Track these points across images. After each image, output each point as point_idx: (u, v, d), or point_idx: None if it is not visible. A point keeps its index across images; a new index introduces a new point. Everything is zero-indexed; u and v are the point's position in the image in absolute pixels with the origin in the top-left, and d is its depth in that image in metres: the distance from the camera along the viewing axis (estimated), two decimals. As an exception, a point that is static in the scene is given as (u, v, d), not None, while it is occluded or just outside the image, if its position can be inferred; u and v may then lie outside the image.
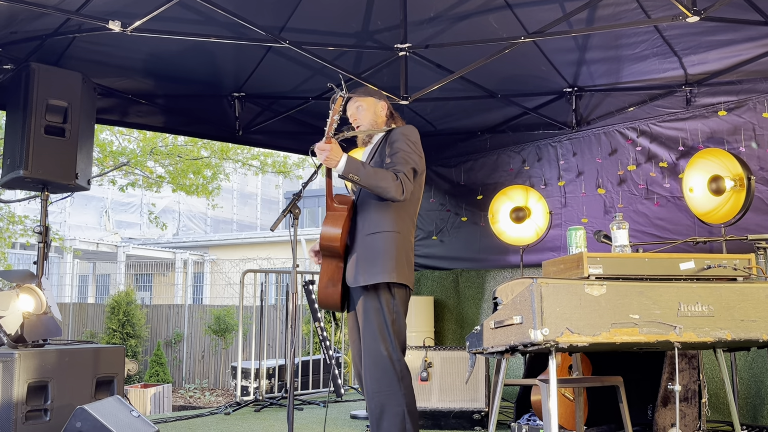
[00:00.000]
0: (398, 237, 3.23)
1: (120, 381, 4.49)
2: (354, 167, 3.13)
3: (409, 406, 3.14)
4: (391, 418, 3.11)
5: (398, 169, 3.19)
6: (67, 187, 4.79)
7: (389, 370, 3.13)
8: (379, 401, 3.14)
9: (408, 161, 3.23)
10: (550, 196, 6.01)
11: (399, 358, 3.17)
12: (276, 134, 6.50)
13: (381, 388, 3.14)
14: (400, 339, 3.21)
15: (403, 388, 3.14)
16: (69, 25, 4.48)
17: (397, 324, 3.20)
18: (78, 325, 13.80)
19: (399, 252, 3.21)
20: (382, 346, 3.15)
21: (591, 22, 4.61)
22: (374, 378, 3.16)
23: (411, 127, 3.39)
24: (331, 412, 5.56)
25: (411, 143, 3.29)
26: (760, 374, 4.69)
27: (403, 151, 3.24)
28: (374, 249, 3.20)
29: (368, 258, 3.20)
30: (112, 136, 11.42)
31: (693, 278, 2.90)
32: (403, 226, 3.28)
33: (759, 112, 4.86)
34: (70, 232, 19.07)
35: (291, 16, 4.78)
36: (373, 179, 3.12)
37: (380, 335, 3.15)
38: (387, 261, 3.17)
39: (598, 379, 3.35)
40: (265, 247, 18.49)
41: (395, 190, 3.13)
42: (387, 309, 3.18)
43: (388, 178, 3.13)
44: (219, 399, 11.70)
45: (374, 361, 3.16)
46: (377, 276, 3.17)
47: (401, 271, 3.20)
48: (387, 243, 3.20)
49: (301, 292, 6.64)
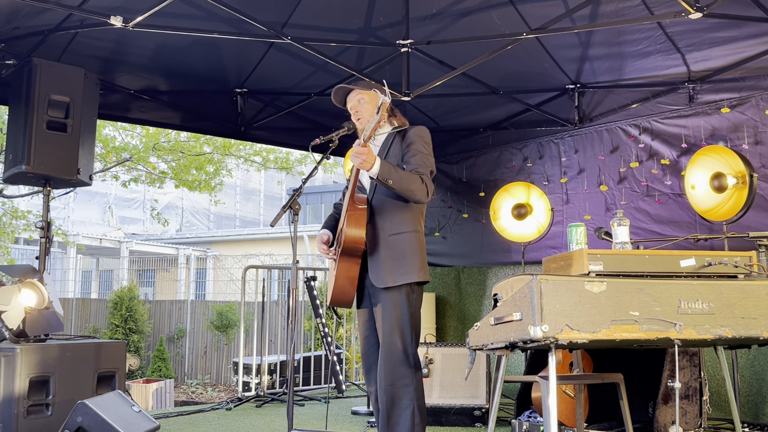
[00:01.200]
0: (419, 236, 3.32)
1: (121, 376, 4.50)
2: (388, 171, 3.15)
3: (419, 401, 3.16)
4: (401, 412, 3.13)
5: (421, 172, 3.24)
6: (69, 182, 4.79)
7: (404, 364, 3.16)
8: (391, 394, 3.15)
9: (427, 164, 3.29)
10: (552, 193, 6.00)
11: (414, 352, 3.21)
12: (278, 130, 6.49)
13: (395, 381, 3.15)
14: (417, 333, 3.26)
15: (415, 382, 3.17)
16: (71, 21, 4.48)
17: (415, 318, 3.25)
18: (81, 321, 13.83)
19: (422, 251, 3.30)
20: (399, 340, 3.17)
21: (594, 18, 4.60)
22: (389, 370, 3.17)
23: (424, 128, 3.41)
24: (332, 408, 5.57)
25: (426, 145, 3.35)
26: (761, 372, 4.69)
27: (421, 154, 3.29)
28: (400, 250, 3.24)
29: (395, 259, 3.23)
30: (114, 131, 11.43)
31: (694, 275, 2.90)
32: (420, 225, 3.37)
33: (762, 109, 4.84)
34: (73, 227, 19.10)
35: (293, 12, 4.78)
36: (405, 183, 3.17)
37: (398, 329, 3.18)
38: (413, 261, 3.24)
39: (598, 376, 3.34)
40: (268, 243, 18.51)
41: (422, 193, 3.20)
42: (410, 306, 3.22)
43: (417, 182, 3.19)
44: (221, 394, 11.73)
45: (391, 354, 3.18)
46: (405, 276, 3.21)
47: (425, 270, 3.29)
48: (411, 243, 3.27)
49: (303, 288, 6.65)
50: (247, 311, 9.89)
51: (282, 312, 8.86)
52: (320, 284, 9.84)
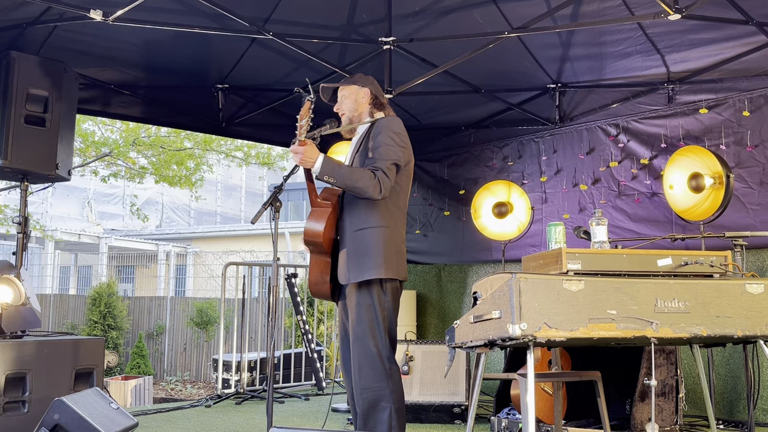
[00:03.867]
0: (386, 231, 3.20)
1: (99, 373, 4.46)
2: (330, 168, 3.08)
3: (396, 404, 3.11)
4: (378, 415, 3.09)
5: (377, 166, 3.13)
6: (48, 177, 4.75)
7: (378, 368, 3.11)
8: (367, 398, 3.11)
9: (389, 156, 3.17)
10: (532, 191, 6.04)
11: (388, 355, 3.15)
12: (260, 126, 6.47)
13: (369, 385, 3.11)
14: (391, 336, 3.19)
15: (391, 385, 3.11)
16: (50, 14, 4.43)
17: (388, 321, 3.17)
18: (58, 317, 13.70)
19: (387, 247, 3.18)
20: (371, 343, 3.12)
21: (575, 18, 4.63)
22: (363, 375, 3.13)
23: (394, 118, 3.34)
24: (312, 405, 5.56)
25: (394, 134, 3.22)
26: (736, 370, 4.75)
27: (384, 145, 3.18)
28: (362, 245, 3.17)
29: (357, 254, 3.17)
30: (94, 126, 11.33)
31: (670, 275, 2.93)
32: (391, 219, 3.24)
33: (739, 110, 4.91)
34: (51, 222, 18.90)
35: (276, 8, 4.75)
36: (349, 180, 3.08)
37: (371, 332, 3.13)
38: (375, 257, 3.14)
39: (576, 374, 3.38)
40: (249, 240, 18.44)
41: (373, 190, 3.08)
42: (378, 305, 3.15)
43: (365, 177, 3.08)
44: (201, 392, 11.67)
45: (364, 358, 3.13)
46: (366, 273, 3.14)
47: (390, 266, 3.16)
48: (375, 238, 3.17)
49: (284, 285, 6.63)
50: (228, 308, 9.85)
51: (262, 309, 8.84)
52: (301, 281, 9.83)
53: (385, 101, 3.47)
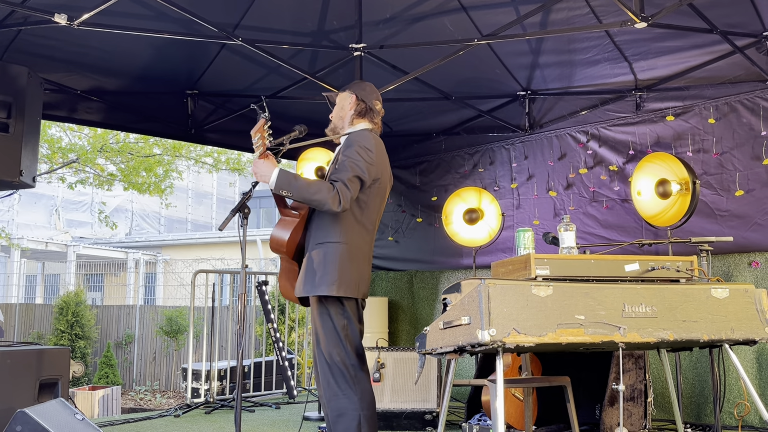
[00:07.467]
0: (344, 248, 3.12)
1: (65, 383, 4.38)
2: (285, 182, 3.04)
3: (365, 411, 3.08)
4: (347, 422, 3.07)
5: (337, 178, 3.07)
6: (11, 184, 4.66)
7: (343, 376, 3.09)
8: (334, 406, 3.10)
9: (352, 169, 3.09)
10: (503, 198, 6.07)
11: (353, 363, 3.13)
12: (230, 133, 6.42)
13: (336, 393, 3.10)
14: (354, 344, 3.16)
15: (358, 392, 3.09)
16: (14, 18, 4.36)
17: (348, 329, 3.15)
18: (24, 327, 13.42)
19: (342, 264, 3.10)
20: (334, 351, 3.11)
21: (544, 26, 4.67)
22: (328, 384, 3.12)
23: (368, 132, 3.28)
24: (283, 414, 5.51)
25: (362, 149, 3.15)
26: (703, 374, 4.81)
27: (349, 159, 3.12)
28: (317, 261, 3.13)
29: (312, 269, 3.14)
30: (61, 132, 11.16)
31: (638, 280, 2.96)
32: (354, 236, 3.16)
33: (705, 117, 4.98)
34: (18, 230, 18.55)
35: (245, 14, 4.73)
36: (306, 192, 3.02)
37: (332, 342, 3.12)
38: (328, 273, 3.09)
39: (545, 379, 3.39)
40: (220, 248, 18.27)
41: (332, 202, 3.00)
42: (336, 317, 3.13)
43: (323, 190, 3.01)
44: (170, 401, 11.51)
45: (327, 367, 3.12)
46: (317, 288, 3.11)
47: (344, 283, 3.10)
48: (333, 255, 3.11)
49: (255, 292, 6.57)
50: (198, 316, 9.73)
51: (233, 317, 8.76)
52: (272, 288, 9.76)
53: (376, 108, 3.38)
